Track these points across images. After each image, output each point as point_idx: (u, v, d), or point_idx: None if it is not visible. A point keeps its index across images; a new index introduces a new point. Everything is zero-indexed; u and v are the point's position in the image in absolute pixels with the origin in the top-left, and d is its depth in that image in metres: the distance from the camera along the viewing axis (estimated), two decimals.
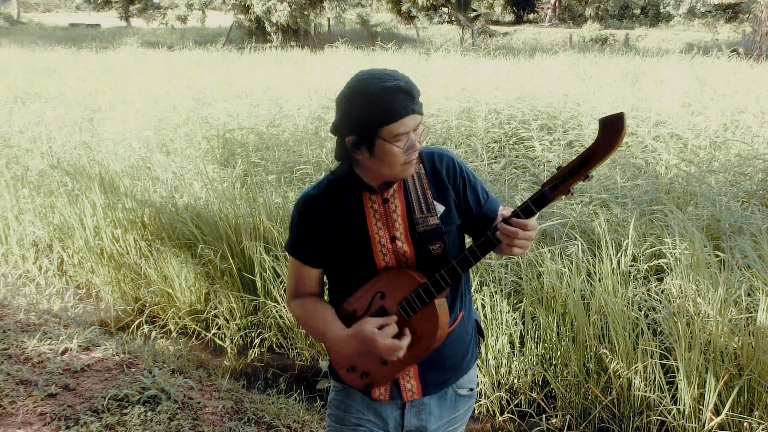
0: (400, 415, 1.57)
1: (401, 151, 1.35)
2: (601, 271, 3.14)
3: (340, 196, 1.49)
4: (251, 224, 4.08)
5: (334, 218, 1.48)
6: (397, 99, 1.32)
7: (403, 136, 1.34)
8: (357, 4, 34.13)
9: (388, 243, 1.46)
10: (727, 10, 30.14)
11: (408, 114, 1.34)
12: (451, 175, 1.50)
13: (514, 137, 5.79)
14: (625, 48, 18.74)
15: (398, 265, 1.47)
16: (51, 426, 2.70)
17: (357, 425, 1.60)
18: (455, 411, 1.63)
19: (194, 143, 6.24)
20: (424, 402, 1.56)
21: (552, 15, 37.05)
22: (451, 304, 1.50)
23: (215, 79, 10.95)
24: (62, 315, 4.21)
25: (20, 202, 5.32)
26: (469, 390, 1.64)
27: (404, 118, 1.33)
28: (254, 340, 3.86)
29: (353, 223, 1.47)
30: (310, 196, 1.51)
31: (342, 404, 1.62)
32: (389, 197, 1.47)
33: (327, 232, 1.49)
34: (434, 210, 1.46)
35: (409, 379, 1.53)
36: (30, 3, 58.56)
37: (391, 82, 1.32)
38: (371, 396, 1.55)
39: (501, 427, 3.10)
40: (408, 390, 1.53)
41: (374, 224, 1.47)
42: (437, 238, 1.44)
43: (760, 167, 4.62)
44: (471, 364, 1.62)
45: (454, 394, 1.60)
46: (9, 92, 9.89)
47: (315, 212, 1.50)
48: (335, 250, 1.50)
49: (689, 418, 2.74)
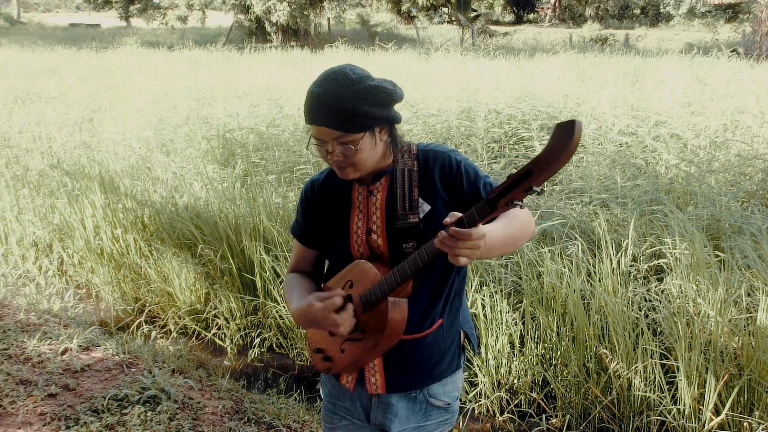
0: (367, 407, 1.60)
1: (323, 150, 1.41)
2: (601, 271, 3.13)
3: (335, 185, 1.56)
4: (251, 224, 4.08)
5: (326, 204, 1.57)
6: (307, 103, 1.39)
7: (317, 141, 1.40)
8: (357, 4, 34.14)
9: (363, 235, 1.49)
10: (727, 10, 30.13)
11: (310, 122, 1.39)
12: (445, 173, 1.47)
13: (514, 137, 5.79)
14: (625, 48, 18.73)
15: (373, 257, 1.48)
16: (51, 426, 2.70)
17: (333, 413, 1.68)
18: (425, 420, 1.59)
19: (194, 143, 6.24)
20: (391, 401, 1.56)
21: (552, 15, 37.04)
22: (426, 310, 1.50)
23: (215, 79, 10.95)
24: (62, 315, 4.21)
25: (20, 202, 5.32)
26: (445, 403, 1.59)
27: (312, 124, 1.39)
28: (254, 340, 3.86)
29: (338, 211, 1.54)
30: (313, 181, 1.62)
31: (326, 388, 1.71)
32: (374, 189, 1.49)
33: (319, 218, 1.58)
34: (417, 208, 1.45)
35: (374, 372, 1.54)
36: (30, 3, 58.58)
37: (315, 87, 1.37)
38: (340, 382, 1.61)
39: (501, 427, 3.10)
40: (372, 384, 1.55)
41: (356, 215, 1.51)
42: (412, 237, 1.43)
43: (760, 167, 4.62)
44: (445, 375, 1.58)
45: (425, 402, 1.57)
46: (9, 92, 9.89)
47: (312, 196, 1.60)
48: (323, 235, 1.58)
49: (689, 418, 2.74)
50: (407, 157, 1.49)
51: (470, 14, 29.00)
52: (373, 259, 1.47)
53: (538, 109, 6.32)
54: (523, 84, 8.05)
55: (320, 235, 1.59)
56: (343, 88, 1.34)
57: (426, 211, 1.46)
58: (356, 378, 1.57)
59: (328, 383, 1.69)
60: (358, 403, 1.61)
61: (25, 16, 46.25)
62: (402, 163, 1.48)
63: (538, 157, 1.06)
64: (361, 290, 1.45)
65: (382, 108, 1.38)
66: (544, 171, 1.06)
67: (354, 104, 1.34)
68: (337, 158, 1.40)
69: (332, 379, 1.65)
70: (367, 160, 1.42)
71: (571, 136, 1.02)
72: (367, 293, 1.43)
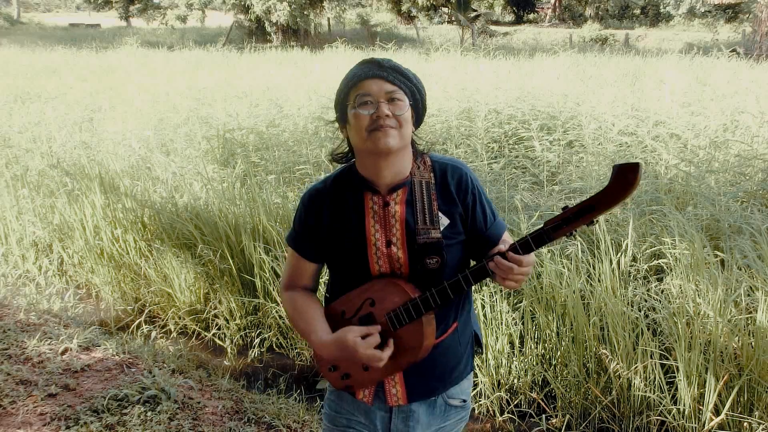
0: (387, 419, 1.57)
1: (366, 116, 1.38)
2: (601, 272, 3.14)
3: (344, 193, 1.50)
4: (251, 224, 4.08)
5: (335, 215, 1.49)
6: (362, 66, 1.43)
7: (367, 99, 1.39)
8: (357, 4, 34.14)
9: (383, 247, 1.44)
10: (727, 10, 30.12)
11: (369, 77, 1.39)
12: (462, 190, 1.47)
13: (513, 137, 5.79)
14: (625, 48, 18.74)
15: (392, 272, 1.45)
16: (51, 426, 2.70)
17: (347, 426, 1.61)
18: (444, 420, 1.59)
19: (194, 143, 6.24)
20: (412, 409, 1.55)
21: (552, 15, 37.03)
22: (444, 315, 1.50)
23: (215, 79, 10.95)
24: (62, 315, 4.21)
25: (20, 202, 5.32)
26: (461, 401, 1.60)
27: (365, 81, 1.39)
28: (254, 340, 3.86)
29: (352, 223, 1.47)
30: (315, 191, 1.54)
31: (334, 404, 1.64)
32: (390, 201, 1.45)
33: (327, 229, 1.50)
34: (438, 222, 1.43)
35: (395, 384, 1.52)
36: (30, 3, 58.55)
37: (365, 60, 1.43)
38: (355, 397, 1.56)
39: (501, 427, 3.10)
40: (393, 395, 1.53)
41: (372, 226, 1.46)
42: (436, 253, 1.42)
43: (759, 167, 4.61)
44: (462, 376, 1.59)
45: (444, 404, 1.57)
46: (9, 92, 9.88)
47: (318, 207, 1.51)
48: (333, 247, 1.51)
49: (689, 418, 2.74)
50: (423, 169, 1.48)
51: (470, 14, 29.00)
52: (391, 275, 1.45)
53: (538, 109, 6.32)
54: (523, 84, 8.05)
55: (328, 248, 1.52)
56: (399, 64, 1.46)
57: (445, 225, 1.44)
58: (374, 391, 1.54)
59: (339, 399, 1.63)
60: (377, 415, 1.57)
61: (25, 16, 46.23)
62: (419, 175, 1.47)
63: (602, 192, 1.19)
64: (387, 309, 1.43)
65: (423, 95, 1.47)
66: (605, 208, 1.19)
67: (408, 73, 1.44)
68: (387, 118, 1.38)
69: (343, 395, 1.60)
70: (406, 135, 1.43)
71: (635, 177, 1.14)
72: (397, 312, 1.41)
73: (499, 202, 4.05)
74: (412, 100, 1.44)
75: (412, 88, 1.44)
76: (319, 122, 6.51)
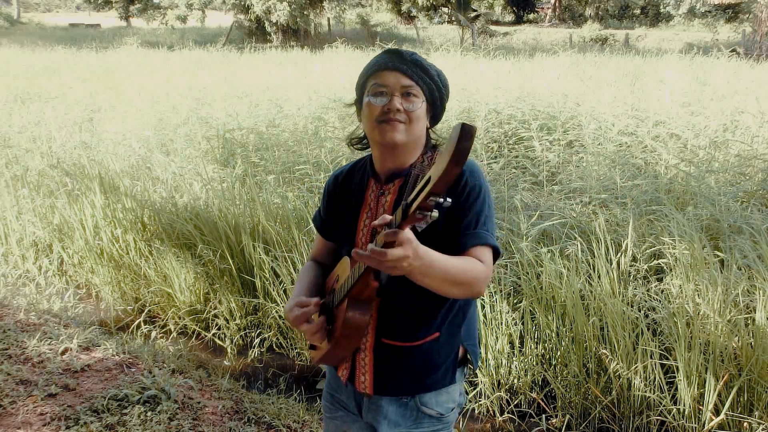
0: (359, 403, 1.62)
1: (378, 106, 1.40)
2: (601, 271, 3.14)
3: (355, 179, 1.57)
4: (251, 224, 4.08)
5: (343, 199, 1.58)
6: (384, 56, 1.44)
7: (382, 90, 1.41)
8: (357, 4, 34.13)
9: (368, 235, 1.48)
10: (727, 10, 30.12)
11: (389, 68, 1.41)
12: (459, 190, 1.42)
13: (513, 137, 5.79)
14: (625, 48, 18.74)
15: None
16: (51, 426, 2.70)
17: (332, 403, 1.70)
18: (415, 426, 1.57)
19: (194, 143, 6.24)
20: (382, 404, 1.56)
21: (552, 15, 37.04)
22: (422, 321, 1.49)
23: (215, 79, 10.95)
24: (62, 315, 4.21)
25: (20, 202, 5.32)
26: (438, 413, 1.57)
27: (384, 71, 1.41)
28: (254, 340, 3.86)
29: (350, 208, 1.54)
30: (337, 174, 1.63)
31: (328, 381, 1.74)
32: (386, 190, 1.49)
33: (336, 211, 1.60)
34: None
35: (365, 372, 1.54)
36: (30, 3, 58.59)
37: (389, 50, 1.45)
38: (337, 373, 1.62)
39: (501, 427, 3.10)
40: (361, 382, 1.55)
41: (365, 213, 1.51)
42: None
43: (759, 167, 4.62)
44: (439, 385, 1.55)
45: (416, 409, 1.56)
46: (9, 92, 9.88)
47: (335, 190, 1.61)
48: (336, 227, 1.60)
49: (689, 418, 2.75)
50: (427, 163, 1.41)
51: (470, 14, 29.01)
52: None
53: (537, 109, 6.32)
54: (523, 84, 8.06)
55: (336, 230, 1.62)
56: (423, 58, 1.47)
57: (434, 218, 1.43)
58: (348, 374, 1.58)
59: (329, 373, 1.72)
60: (353, 397, 1.63)
61: (25, 16, 46.26)
62: (418, 168, 1.42)
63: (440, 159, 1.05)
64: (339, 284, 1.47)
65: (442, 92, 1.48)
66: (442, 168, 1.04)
67: (431, 70, 1.45)
68: (398, 112, 1.40)
69: (332, 370, 1.68)
70: (416, 131, 1.45)
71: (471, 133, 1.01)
72: (339, 289, 1.45)
73: (499, 202, 4.05)
74: (430, 97, 1.45)
75: (431, 85, 1.45)
76: (319, 122, 6.51)
